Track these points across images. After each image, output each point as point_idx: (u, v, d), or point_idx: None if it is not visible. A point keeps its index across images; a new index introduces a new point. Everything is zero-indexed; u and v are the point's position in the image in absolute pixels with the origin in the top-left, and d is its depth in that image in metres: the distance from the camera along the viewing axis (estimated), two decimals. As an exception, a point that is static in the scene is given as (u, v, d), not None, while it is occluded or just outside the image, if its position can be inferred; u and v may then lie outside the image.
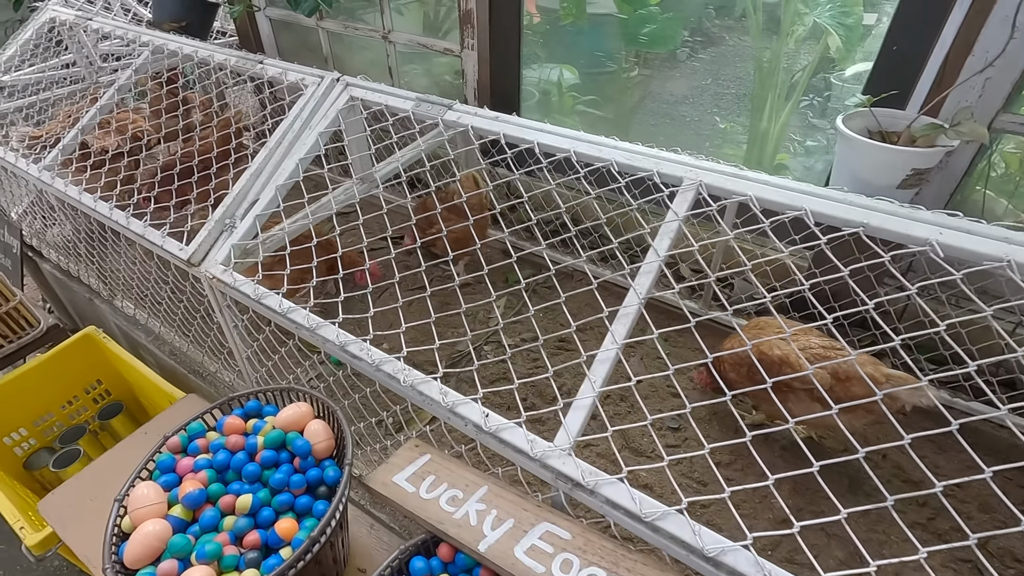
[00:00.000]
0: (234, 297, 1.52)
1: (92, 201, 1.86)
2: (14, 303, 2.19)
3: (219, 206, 1.66)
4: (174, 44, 2.19)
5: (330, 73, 1.82)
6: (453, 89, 2.96)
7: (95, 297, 2.49)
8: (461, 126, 1.52)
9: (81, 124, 2.13)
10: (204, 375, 2.12)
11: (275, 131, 1.75)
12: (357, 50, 3.28)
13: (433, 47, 2.72)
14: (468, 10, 2.49)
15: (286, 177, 1.64)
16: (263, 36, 3.48)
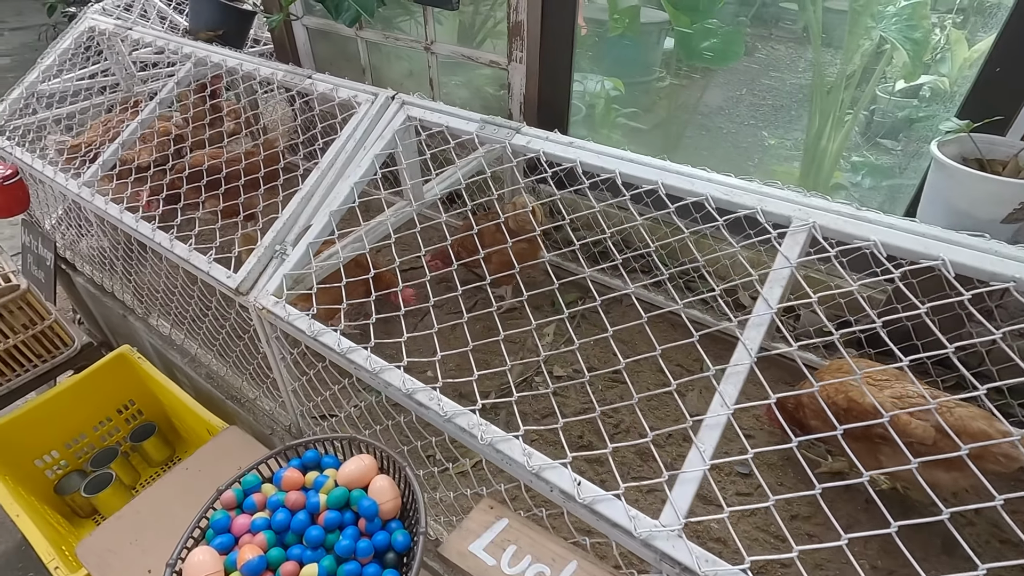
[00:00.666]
0: (285, 330, 1.43)
1: (134, 221, 1.78)
2: (48, 322, 2.13)
3: (268, 231, 1.57)
4: (217, 56, 2.12)
5: (384, 91, 1.73)
6: (496, 102, 2.86)
7: (129, 314, 2.42)
8: (531, 151, 1.41)
9: (122, 138, 2.06)
10: (243, 401, 2.03)
11: (327, 151, 1.66)
12: (395, 60, 3.19)
13: (478, 59, 2.62)
14: (518, 22, 2.39)
15: (340, 202, 1.54)
16: (299, 45, 3.41)
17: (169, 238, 1.69)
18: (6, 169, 2.30)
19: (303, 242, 1.50)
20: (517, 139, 1.44)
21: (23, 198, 2.39)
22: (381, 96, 1.71)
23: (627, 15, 2.56)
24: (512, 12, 2.38)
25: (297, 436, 1.84)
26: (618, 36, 2.69)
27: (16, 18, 9.01)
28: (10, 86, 6.41)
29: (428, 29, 2.73)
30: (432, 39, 2.75)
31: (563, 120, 2.54)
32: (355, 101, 1.74)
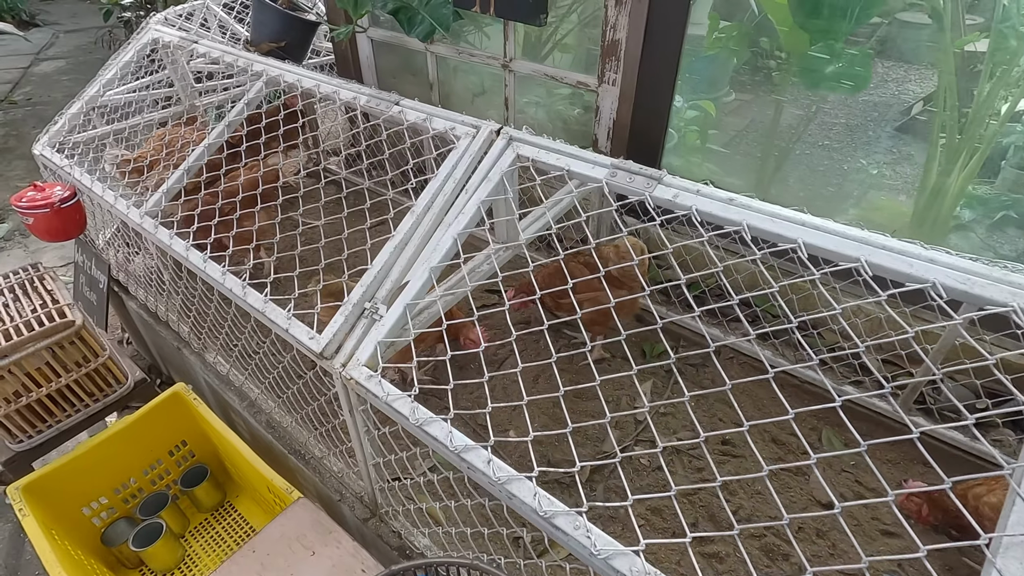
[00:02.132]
0: (378, 407, 1.22)
1: (201, 261, 1.60)
2: (103, 359, 1.97)
3: (356, 285, 1.37)
4: (291, 76, 1.94)
5: (486, 123, 1.52)
6: (578, 125, 2.64)
7: (184, 347, 2.26)
8: (678, 207, 1.18)
9: (187, 164, 1.89)
10: (307, 458, 1.83)
11: (422, 194, 1.45)
12: (465, 76, 3.00)
13: (563, 79, 2.40)
14: (614, 41, 2.16)
15: (441, 257, 1.33)
16: (362, 58, 3.25)
17: (241, 284, 1.50)
18: (64, 191, 2.16)
19: (399, 303, 1.29)
20: (660, 191, 1.21)
21: (80, 221, 2.25)
22: (484, 130, 1.49)
23: (739, 31, 2.31)
24: (608, 30, 2.16)
25: (371, 507, 1.64)
26: (713, 55, 2.45)
27: (71, 20, 9.15)
28: (65, 89, 6.45)
29: (508, 45, 2.52)
30: (511, 56, 2.54)
31: (657, 149, 2.30)
32: (452, 135, 1.53)
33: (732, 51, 2.35)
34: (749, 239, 1.08)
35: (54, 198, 2.10)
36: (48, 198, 2.10)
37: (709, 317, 2.22)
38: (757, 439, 1.87)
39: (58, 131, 2.39)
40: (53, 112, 5.88)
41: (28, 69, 7.05)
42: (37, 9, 9.16)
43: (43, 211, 2.08)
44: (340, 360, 1.30)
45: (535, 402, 2.01)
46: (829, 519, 1.66)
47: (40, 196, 2.10)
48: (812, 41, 2.12)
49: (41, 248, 3.97)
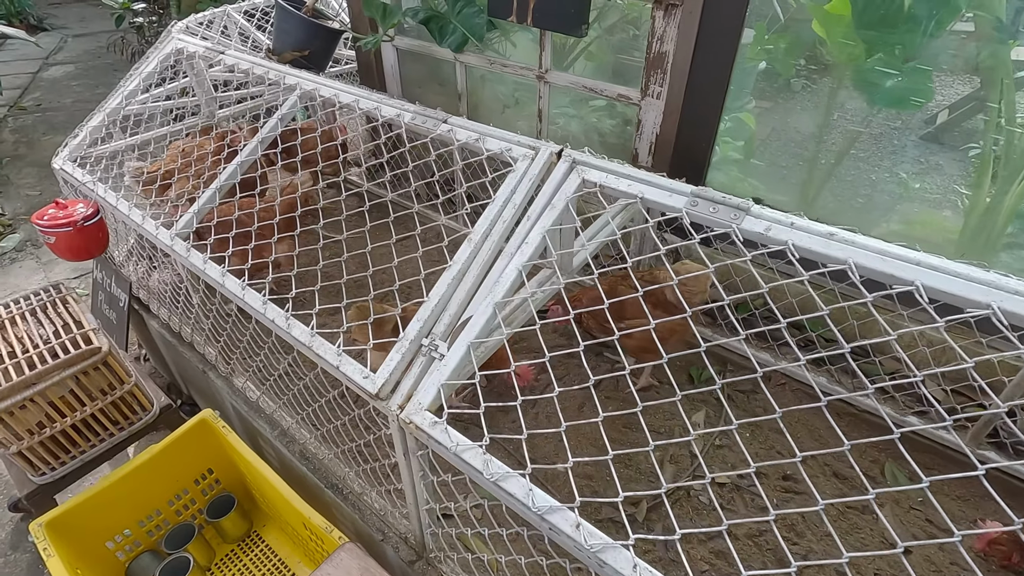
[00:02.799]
0: (442, 455, 1.12)
1: (239, 288, 1.51)
2: (128, 386, 1.88)
3: (411, 319, 1.28)
4: (328, 90, 1.85)
5: (545, 144, 1.42)
6: (616, 139, 2.55)
7: (210, 370, 2.17)
8: (772, 242, 1.09)
9: (219, 183, 1.80)
10: (346, 493, 1.74)
11: (479, 221, 1.36)
12: (496, 86, 2.91)
13: (602, 92, 2.31)
14: (661, 53, 2.07)
15: (505, 290, 1.24)
16: (386, 67, 3.16)
17: (285, 315, 1.41)
18: (87, 208, 2.07)
19: (462, 341, 1.20)
20: (748, 223, 1.12)
21: (103, 239, 2.16)
22: (543, 152, 1.40)
23: (782, 42, 2.22)
24: (655, 41, 2.07)
25: (418, 550, 1.54)
26: (752, 66, 2.36)
27: (79, 24, 9.09)
28: (75, 94, 6.37)
29: (543, 56, 2.43)
30: (547, 67, 2.45)
31: (702, 165, 2.21)
32: (509, 156, 1.44)
33: (779, 62, 2.26)
34: (858, 280, 0.99)
35: (77, 216, 2.01)
36: (70, 216, 2.01)
37: (759, 340, 2.13)
38: (818, 473, 1.78)
39: (79, 144, 2.30)
40: (64, 118, 5.83)
41: (37, 74, 6.98)
42: (45, 13, 9.10)
43: (65, 230, 1.99)
44: (397, 401, 1.21)
45: (583, 435, 1.93)
46: (903, 562, 1.57)
47: (62, 214, 2.01)
48: (868, 53, 2.03)
49: (53, 260, 3.88)
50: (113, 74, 7.07)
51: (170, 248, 1.72)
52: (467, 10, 2.48)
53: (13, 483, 1.88)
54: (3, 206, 4.32)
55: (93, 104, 6.15)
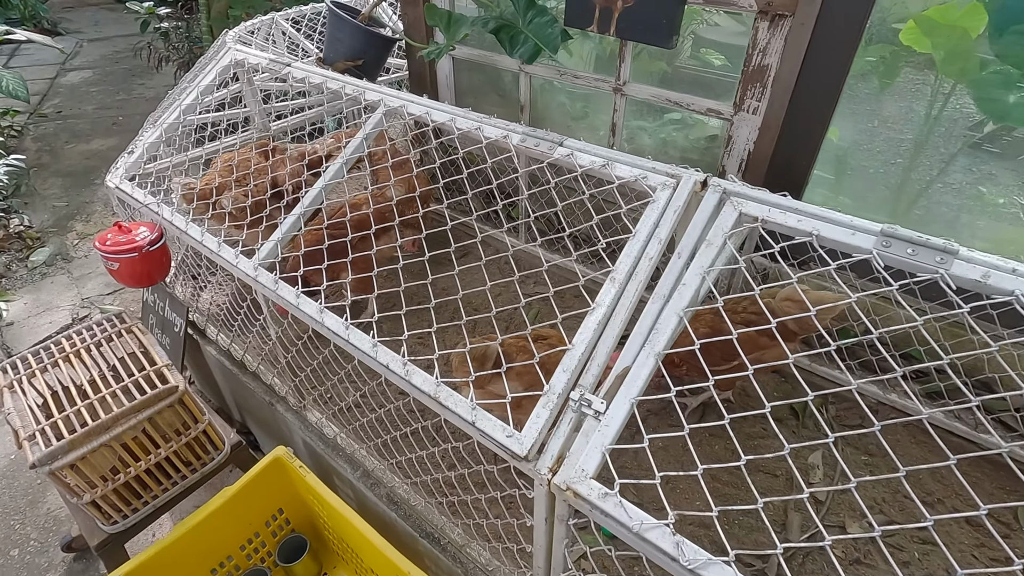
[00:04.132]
0: (617, 533, 0.99)
1: (343, 328, 1.38)
2: (202, 426, 1.75)
3: (556, 369, 1.15)
4: (417, 108, 1.72)
5: (687, 172, 1.30)
6: (698, 155, 2.42)
7: (278, 402, 2.04)
8: (997, 292, 0.96)
9: (302, 208, 1.67)
10: (442, 542, 1.60)
11: (620, 258, 1.23)
12: (562, 98, 2.79)
13: (688, 106, 2.19)
14: (762, 66, 1.94)
15: (666, 339, 1.11)
16: (440, 76, 3.04)
17: (402, 361, 1.28)
18: (151, 231, 1.95)
19: (623, 396, 1.07)
20: (958, 268, 0.99)
21: (166, 264, 2.04)
22: (686, 181, 1.28)
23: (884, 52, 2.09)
24: (756, 54, 1.94)
25: (536, 613, 1.41)
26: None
27: (93, 28, 8.97)
28: (96, 101, 6.25)
29: (622, 68, 2.30)
30: (626, 79, 2.32)
31: (801, 184, 2.08)
32: (645, 185, 1.31)
33: (881, 73, 2.13)
34: None
35: (142, 241, 1.88)
36: (134, 241, 1.88)
37: (862, 370, 2.00)
38: (949, 520, 1.65)
39: (136, 162, 2.17)
40: (86, 126, 5.70)
41: (55, 80, 6.86)
42: (58, 17, 8.98)
43: (130, 256, 1.87)
44: (546, 463, 1.08)
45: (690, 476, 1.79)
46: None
47: (125, 239, 1.88)
48: (983, 66, 1.90)
49: (85, 275, 3.75)
50: (132, 79, 6.96)
51: (253, 280, 1.59)
52: (539, 19, 2.35)
53: (80, 529, 1.75)
54: (30, 218, 4.20)
55: (114, 111, 6.04)
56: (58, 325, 3.35)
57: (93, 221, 4.27)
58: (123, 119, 5.88)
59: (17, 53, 7.51)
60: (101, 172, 4.92)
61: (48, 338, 3.26)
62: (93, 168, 4.96)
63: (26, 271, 3.76)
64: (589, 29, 2.27)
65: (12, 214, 4.15)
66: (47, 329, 3.31)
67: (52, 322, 3.37)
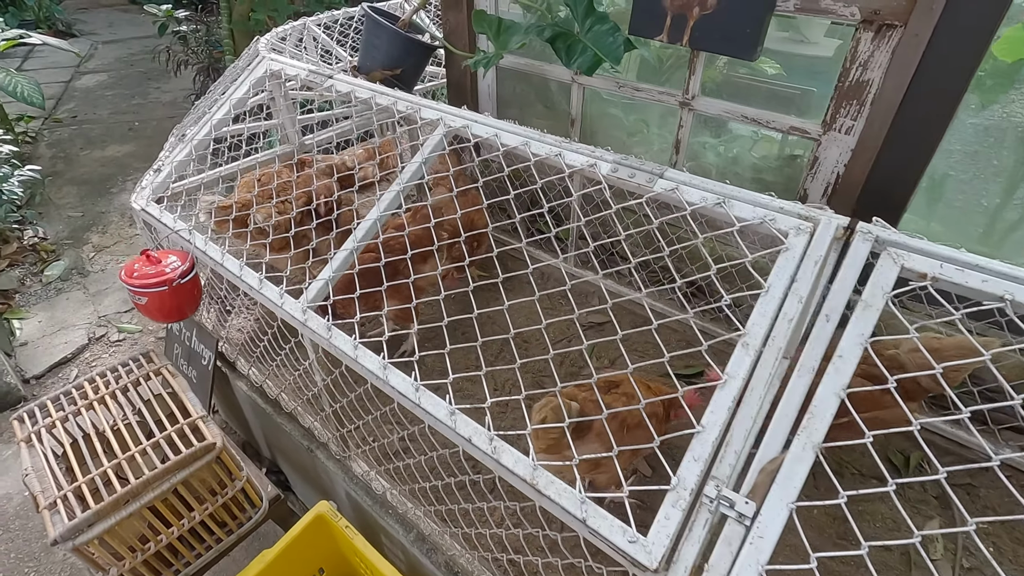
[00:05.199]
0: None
1: (412, 390, 1.19)
2: (241, 484, 1.56)
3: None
4: (483, 128, 1.53)
5: (826, 214, 1.10)
6: (773, 176, 2.22)
7: (318, 449, 1.85)
8: None
9: (354, 243, 1.49)
10: (514, 625, 1.41)
11: (752, 318, 1.03)
12: (618, 112, 2.59)
13: (767, 123, 1.98)
14: (861, 82, 1.74)
15: (826, 427, 0.91)
16: (482, 86, 2.85)
17: (489, 435, 1.09)
18: (182, 261, 1.76)
19: (778, 500, 0.87)
20: None
21: (197, 296, 1.86)
22: (826, 226, 1.08)
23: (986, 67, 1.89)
24: (855, 68, 1.74)
25: None
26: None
27: (108, 31, 8.84)
28: (111, 105, 6.09)
29: (692, 81, 2.10)
30: (694, 92, 2.12)
31: (898, 211, 1.87)
32: (773, 229, 1.11)
33: (985, 90, 1.92)
34: None
35: (172, 274, 1.70)
36: (163, 274, 1.70)
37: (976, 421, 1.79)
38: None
39: (163, 183, 2.00)
40: (101, 132, 5.55)
41: (69, 83, 6.72)
42: (73, 18, 8.86)
43: (159, 290, 1.68)
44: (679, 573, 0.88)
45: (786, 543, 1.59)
46: None
47: (153, 271, 1.70)
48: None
49: (102, 290, 3.59)
50: (147, 83, 6.81)
51: (301, 324, 1.40)
52: (599, 27, 2.15)
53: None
54: (45, 229, 4.04)
55: (130, 116, 5.89)
56: (74, 345, 3.18)
57: (110, 233, 4.11)
58: (139, 124, 5.73)
59: (31, 55, 7.38)
60: (117, 180, 4.76)
61: (66, 361, 3.09)
62: (109, 176, 4.80)
63: (41, 286, 3.60)
64: (658, 38, 2.08)
65: (26, 225, 3.99)
66: (63, 350, 3.15)
67: (68, 342, 3.21)
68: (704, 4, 1.90)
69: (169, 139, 2.49)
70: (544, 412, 1.21)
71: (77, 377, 3.01)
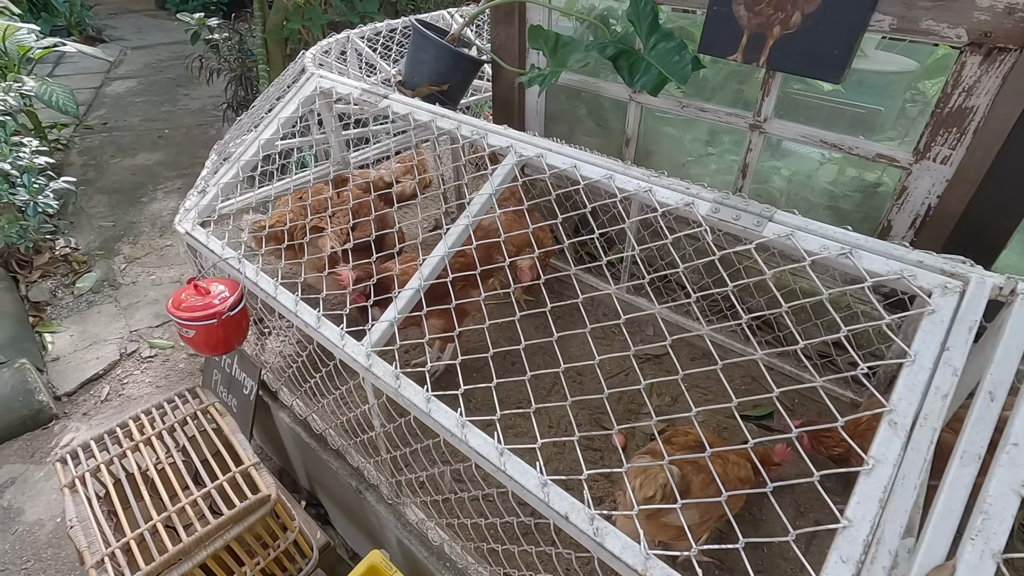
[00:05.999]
0: None
1: (496, 453, 1.08)
2: (293, 535, 1.45)
3: (828, 564, 0.83)
4: (560, 159, 1.42)
5: (975, 272, 0.97)
6: (850, 204, 2.08)
7: (368, 491, 1.74)
8: None
9: (420, 281, 1.38)
10: None
11: (896, 390, 0.91)
12: (677, 132, 2.47)
13: (852, 150, 1.85)
14: (964, 108, 1.60)
15: (1006, 531, 0.78)
16: (529, 102, 2.74)
17: (588, 514, 0.97)
18: (230, 290, 1.67)
19: (955, 620, 0.74)
20: None
21: (245, 326, 1.76)
22: (979, 284, 0.95)
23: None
24: (957, 93, 1.60)
25: None
26: None
27: (137, 36, 8.90)
28: (141, 112, 6.09)
29: (765, 103, 1.98)
30: (767, 114, 2.00)
31: (997, 247, 1.73)
32: (913, 286, 0.98)
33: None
34: None
35: (221, 305, 1.61)
36: (212, 305, 1.61)
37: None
38: None
39: (209, 205, 1.91)
40: (131, 139, 5.53)
41: (100, 89, 6.74)
42: (103, 24, 8.93)
43: (209, 323, 1.59)
44: None
45: None
46: None
47: (202, 303, 1.61)
48: None
49: (134, 304, 3.53)
50: (176, 90, 6.81)
51: (365, 370, 1.30)
52: (664, 45, 2.03)
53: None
54: (76, 240, 4.00)
55: (160, 123, 5.88)
56: (106, 361, 3.11)
57: (140, 243, 4.06)
58: (168, 132, 5.71)
59: (63, 61, 7.42)
60: (147, 189, 4.73)
61: (97, 378, 3.03)
62: (139, 184, 4.77)
63: (72, 298, 3.55)
64: (731, 58, 1.96)
65: (58, 235, 3.95)
66: (94, 366, 3.08)
67: (99, 357, 3.14)
68: (787, 23, 1.77)
69: (211, 156, 2.42)
70: (653, 489, 1.09)
71: (108, 395, 2.95)
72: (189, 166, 5.05)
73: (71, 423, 2.82)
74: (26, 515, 2.39)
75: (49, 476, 2.56)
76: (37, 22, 7.37)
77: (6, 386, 2.74)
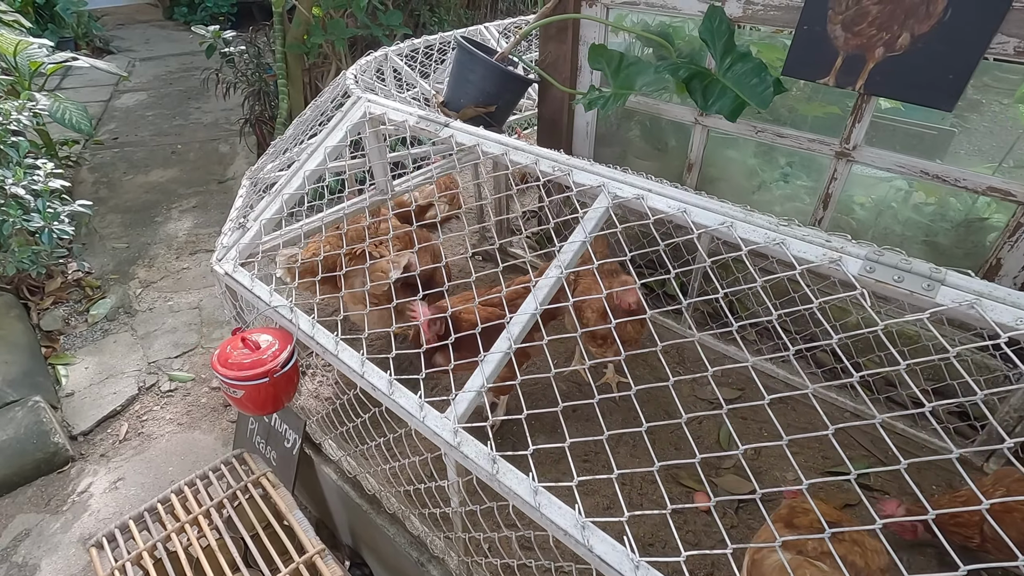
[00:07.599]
0: None
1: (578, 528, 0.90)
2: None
3: None
4: (664, 201, 1.25)
5: None
6: (951, 241, 1.91)
7: (429, 562, 1.56)
8: None
9: (509, 342, 1.21)
10: None
11: None
12: (732, 153, 2.31)
13: (958, 182, 1.69)
14: (1101, 140, 1.44)
15: None
16: (578, 123, 2.58)
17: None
18: (280, 342, 1.50)
19: None
20: None
21: (296, 381, 1.59)
22: None
23: None
24: (1093, 124, 1.44)
25: None
26: None
27: (145, 47, 8.76)
28: (152, 126, 5.93)
29: (856, 129, 1.81)
30: (856, 142, 1.83)
31: None
32: None
33: None
34: None
35: (271, 362, 1.44)
36: (263, 362, 1.43)
37: None
38: None
39: (251, 243, 1.74)
40: (143, 155, 5.36)
41: (109, 102, 6.58)
42: (111, 35, 8.79)
43: (260, 382, 1.42)
44: None
45: None
46: None
47: (250, 360, 1.43)
48: None
49: (151, 332, 3.36)
50: (187, 103, 6.66)
51: (452, 447, 1.12)
52: (740, 66, 1.87)
53: None
54: (89, 263, 3.83)
55: (172, 138, 5.71)
56: (124, 396, 2.94)
57: (156, 266, 3.89)
58: (181, 147, 5.55)
59: (70, 73, 7.27)
60: (161, 208, 4.57)
61: (115, 415, 2.85)
62: (154, 203, 4.60)
63: (86, 327, 3.37)
64: (821, 81, 1.80)
65: (70, 258, 3.78)
66: (111, 401, 2.91)
67: (116, 392, 2.97)
68: (892, 44, 1.61)
69: (243, 183, 2.25)
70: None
71: (127, 434, 2.77)
72: (204, 183, 4.89)
73: (88, 466, 2.64)
74: (42, 572, 2.21)
75: (66, 527, 2.37)
76: (45, 34, 7.23)
77: (20, 427, 2.57)
